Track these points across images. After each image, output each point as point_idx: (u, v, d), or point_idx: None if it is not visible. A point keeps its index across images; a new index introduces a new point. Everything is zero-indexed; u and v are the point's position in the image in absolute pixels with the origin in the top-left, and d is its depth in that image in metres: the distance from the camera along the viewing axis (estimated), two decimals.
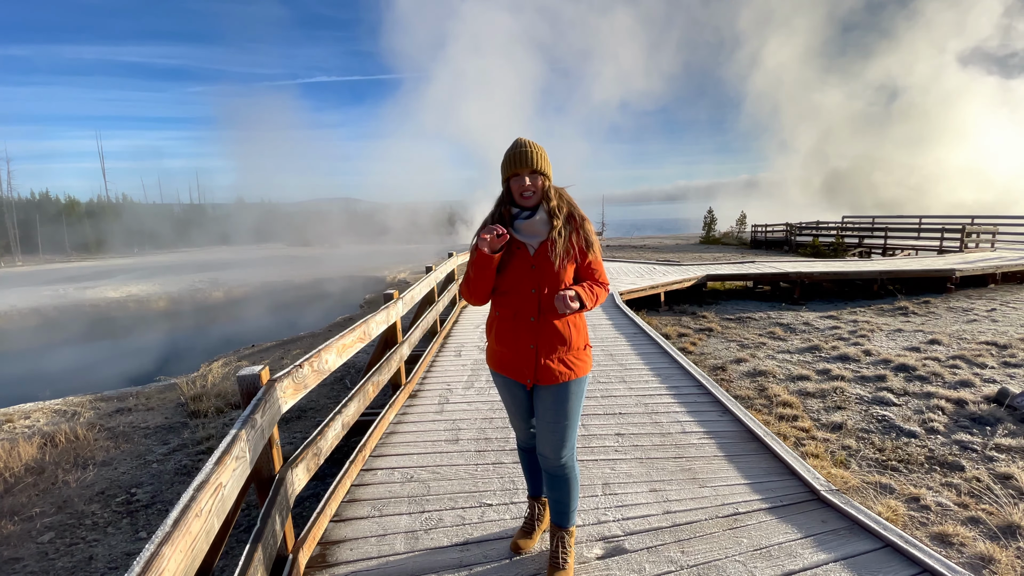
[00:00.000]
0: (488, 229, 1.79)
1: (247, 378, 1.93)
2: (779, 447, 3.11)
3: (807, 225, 24.60)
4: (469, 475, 2.95)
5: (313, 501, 3.75)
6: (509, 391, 2.05)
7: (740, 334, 8.15)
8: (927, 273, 11.25)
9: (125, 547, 3.60)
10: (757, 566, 2.11)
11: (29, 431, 5.99)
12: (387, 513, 2.57)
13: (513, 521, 2.47)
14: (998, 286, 11.61)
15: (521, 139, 1.89)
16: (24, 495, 4.33)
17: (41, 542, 3.69)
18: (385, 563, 2.19)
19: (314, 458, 2.37)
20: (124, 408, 6.78)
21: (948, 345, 6.92)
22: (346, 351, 2.82)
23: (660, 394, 4.22)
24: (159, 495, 4.31)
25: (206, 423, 5.89)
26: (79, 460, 4.98)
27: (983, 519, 3.12)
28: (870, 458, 4.03)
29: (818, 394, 5.41)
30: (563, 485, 2.03)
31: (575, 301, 1.79)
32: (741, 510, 2.52)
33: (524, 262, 1.89)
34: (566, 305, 1.77)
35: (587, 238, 1.92)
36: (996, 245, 16.94)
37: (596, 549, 2.26)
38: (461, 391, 4.45)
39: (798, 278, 11.14)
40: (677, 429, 3.51)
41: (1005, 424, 4.45)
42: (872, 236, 20.96)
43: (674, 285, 10.87)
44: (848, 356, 6.62)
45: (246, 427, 1.70)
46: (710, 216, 33.08)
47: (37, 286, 22.44)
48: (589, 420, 3.70)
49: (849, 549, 2.19)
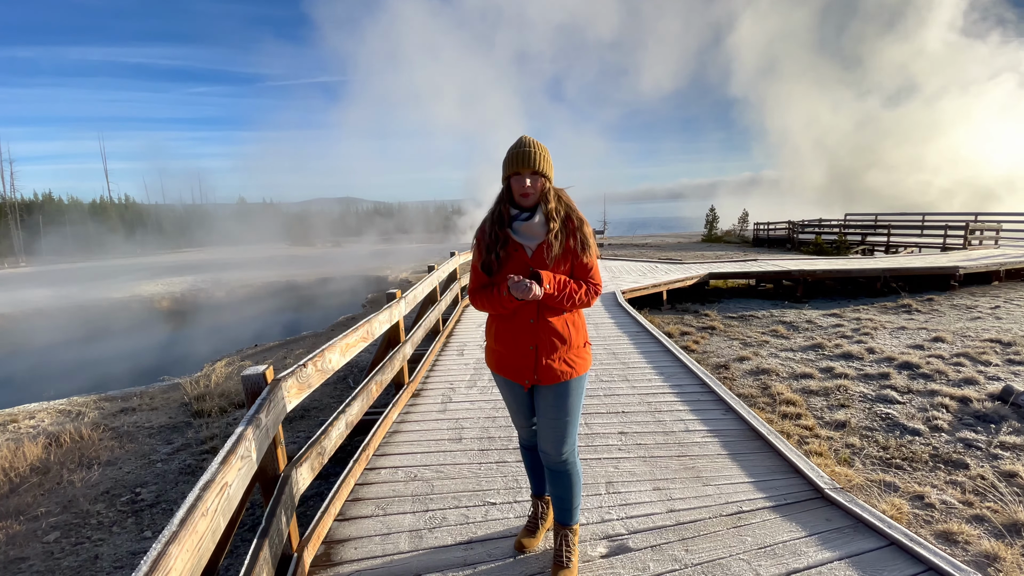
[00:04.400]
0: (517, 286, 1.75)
1: (252, 378, 1.93)
2: (783, 445, 3.10)
3: (809, 223, 24.55)
4: (472, 474, 2.95)
5: (317, 500, 3.75)
6: (510, 391, 2.06)
7: (743, 332, 8.13)
8: (931, 271, 11.21)
9: (130, 546, 3.62)
10: (761, 564, 2.11)
11: (34, 431, 6.02)
12: (391, 512, 2.58)
13: (517, 520, 2.47)
14: (1002, 283, 11.56)
15: (525, 138, 1.89)
16: (29, 495, 4.35)
17: (47, 541, 3.71)
18: (389, 562, 2.20)
19: (318, 457, 2.37)
20: (128, 408, 6.80)
21: (952, 343, 6.89)
22: (349, 350, 2.82)
23: (663, 392, 4.22)
24: (164, 494, 4.32)
25: (210, 423, 5.91)
26: (84, 460, 5.00)
27: (988, 517, 3.11)
28: (874, 456, 4.02)
29: (821, 392, 5.39)
30: (565, 481, 2.04)
31: (535, 286, 1.73)
32: (745, 508, 2.52)
33: (522, 264, 1.89)
34: (522, 291, 1.73)
35: (584, 241, 1.91)
36: (1000, 242, 16.87)
37: (600, 547, 2.26)
38: (464, 390, 4.45)
39: (801, 276, 11.10)
40: (680, 427, 3.51)
41: (1010, 421, 4.43)
42: (875, 233, 20.91)
43: (676, 283, 10.86)
44: (851, 354, 6.60)
45: (251, 426, 1.70)
46: (712, 214, 33.02)
47: (40, 287, 22.52)
48: (592, 419, 3.70)
49: (854, 547, 2.19)
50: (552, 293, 1.81)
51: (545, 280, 1.79)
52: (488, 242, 1.91)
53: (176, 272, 26.95)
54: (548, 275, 1.80)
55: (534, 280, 1.78)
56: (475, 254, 1.98)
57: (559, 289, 1.83)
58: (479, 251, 1.95)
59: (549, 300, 1.84)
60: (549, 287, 1.79)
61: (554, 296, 1.82)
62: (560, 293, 1.83)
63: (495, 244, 1.89)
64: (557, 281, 1.83)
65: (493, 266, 1.90)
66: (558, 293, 1.82)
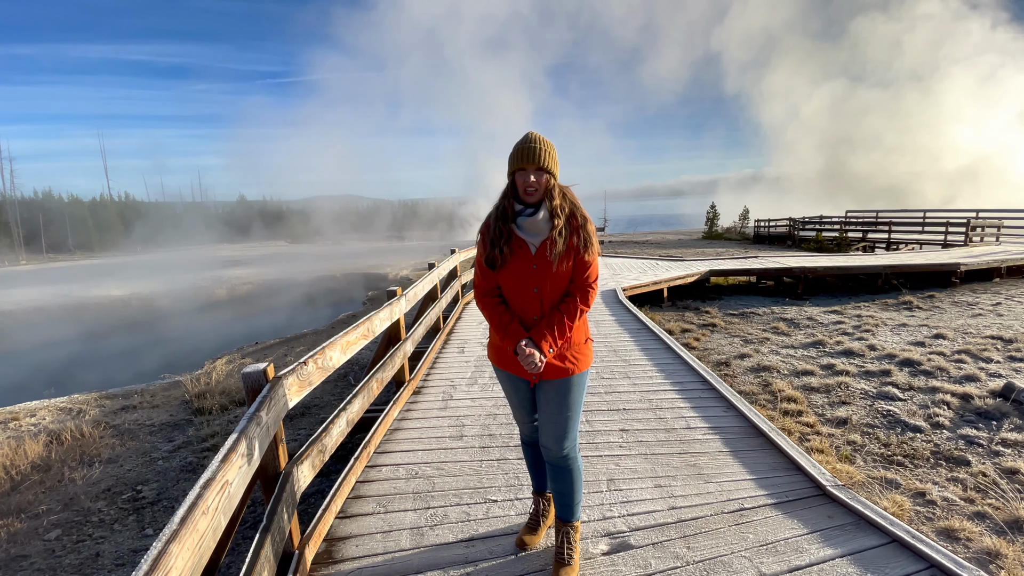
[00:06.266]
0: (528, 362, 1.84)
1: (252, 375, 1.93)
2: (784, 442, 3.10)
3: (810, 220, 24.51)
4: (474, 471, 2.95)
5: (318, 498, 3.75)
6: (512, 386, 2.06)
7: (744, 329, 8.13)
8: (932, 267, 11.19)
9: (131, 544, 3.62)
10: (763, 561, 2.10)
11: (35, 429, 6.02)
12: (392, 509, 2.58)
13: (518, 517, 2.47)
14: (1003, 280, 11.55)
15: (531, 134, 1.88)
16: (31, 493, 4.35)
17: (48, 539, 3.71)
18: (391, 559, 2.19)
19: (319, 455, 2.37)
20: (129, 406, 6.81)
21: (953, 339, 6.88)
22: (350, 348, 2.81)
23: (664, 390, 4.21)
24: (165, 492, 4.33)
25: (210, 420, 5.91)
26: (85, 458, 5.00)
27: (989, 514, 3.11)
28: (875, 453, 4.02)
29: (822, 389, 5.39)
30: (566, 477, 2.04)
31: (542, 363, 1.84)
32: (747, 505, 2.51)
33: (526, 261, 1.89)
34: (530, 367, 1.83)
35: (587, 239, 1.91)
36: (1001, 239, 16.86)
37: (601, 545, 2.26)
38: (465, 387, 4.45)
39: (801, 273, 11.09)
40: (682, 425, 3.51)
41: (1011, 418, 4.43)
42: (876, 230, 20.89)
43: (677, 281, 10.85)
44: (852, 351, 6.60)
45: (252, 424, 1.70)
46: (713, 211, 32.99)
47: (40, 285, 22.52)
48: (593, 416, 3.70)
49: (855, 544, 2.18)
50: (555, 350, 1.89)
51: (545, 348, 1.85)
52: (492, 237, 1.92)
53: (176, 269, 26.94)
54: (545, 345, 1.85)
55: (533, 347, 1.85)
56: (479, 249, 1.98)
57: (560, 337, 1.88)
58: (483, 246, 1.95)
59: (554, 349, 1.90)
60: (552, 350, 1.87)
61: (557, 348, 1.89)
62: (562, 340, 1.89)
63: (499, 239, 1.89)
64: (554, 336, 1.87)
65: (497, 261, 1.90)
66: (561, 341, 1.89)
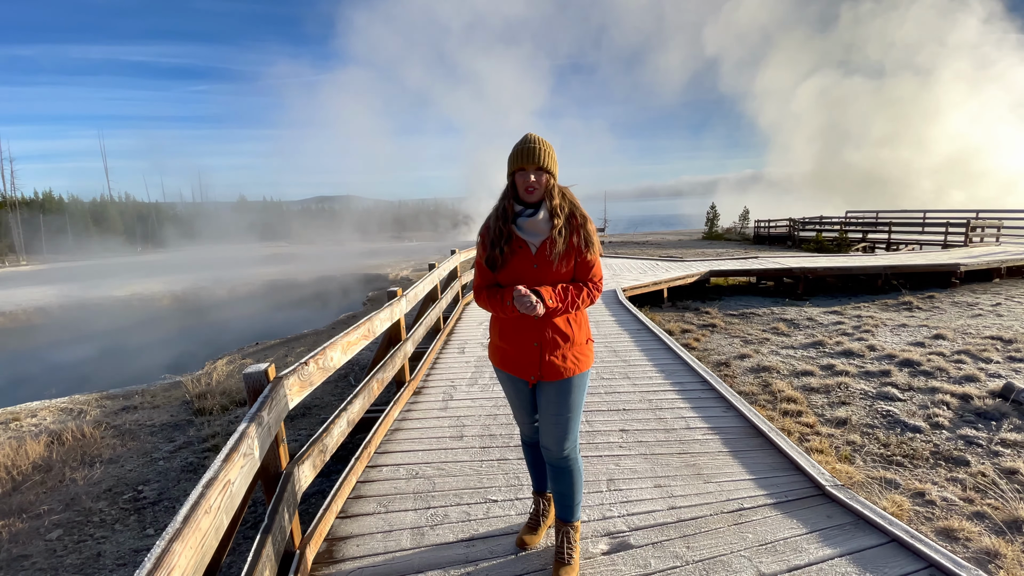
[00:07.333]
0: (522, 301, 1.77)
1: (253, 375, 1.93)
2: (783, 442, 3.11)
3: (810, 220, 24.52)
4: (474, 471, 2.95)
5: (319, 497, 3.76)
6: (513, 386, 2.07)
7: (743, 330, 8.13)
8: (931, 268, 11.20)
9: (133, 544, 3.63)
10: (763, 561, 2.11)
11: (36, 429, 6.03)
12: (393, 509, 2.58)
13: (518, 517, 2.48)
14: (1003, 280, 11.55)
15: (530, 135, 1.89)
16: (32, 493, 4.36)
17: (49, 539, 3.72)
18: (391, 559, 2.20)
19: (320, 455, 2.38)
20: (130, 406, 6.81)
21: (953, 340, 6.89)
22: (351, 348, 2.82)
23: (664, 390, 4.22)
24: (166, 492, 4.33)
25: (211, 421, 5.92)
26: (86, 458, 5.01)
27: (989, 514, 3.12)
28: (875, 453, 4.02)
29: (822, 389, 5.40)
30: (567, 477, 2.04)
31: (539, 304, 1.77)
32: (746, 505, 2.52)
33: (526, 260, 1.89)
34: (526, 307, 1.76)
35: (587, 238, 1.92)
36: (1001, 239, 16.86)
37: (601, 544, 2.26)
38: (465, 388, 4.46)
39: (801, 273, 11.09)
40: (681, 425, 3.52)
41: (1010, 419, 4.43)
42: (876, 231, 20.90)
43: (677, 281, 10.85)
44: (852, 351, 6.60)
45: (253, 424, 1.71)
46: (713, 212, 32.98)
47: (41, 285, 22.53)
48: (593, 416, 3.70)
49: (854, 544, 2.19)
50: (555, 307, 1.84)
51: (546, 296, 1.81)
52: (492, 237, 1.92)
53: (177, 270, 26.96)
54: (548, 291, 1.82)
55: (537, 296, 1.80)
56: (479, 249, 1.99)
57: (561, 300, 1.85)
58: (483, 246, 1.96)
59: (552, 313, 1.87)
60: (551, 302, 1.82)
61: (557, 309, 1.85)
62: (563, 304, 1.86)
63: (499, 239, 1.90)
64: (558, 293, 1.85)
65: (497, 261, 1.91)
66: (561, 305, 1.85)
